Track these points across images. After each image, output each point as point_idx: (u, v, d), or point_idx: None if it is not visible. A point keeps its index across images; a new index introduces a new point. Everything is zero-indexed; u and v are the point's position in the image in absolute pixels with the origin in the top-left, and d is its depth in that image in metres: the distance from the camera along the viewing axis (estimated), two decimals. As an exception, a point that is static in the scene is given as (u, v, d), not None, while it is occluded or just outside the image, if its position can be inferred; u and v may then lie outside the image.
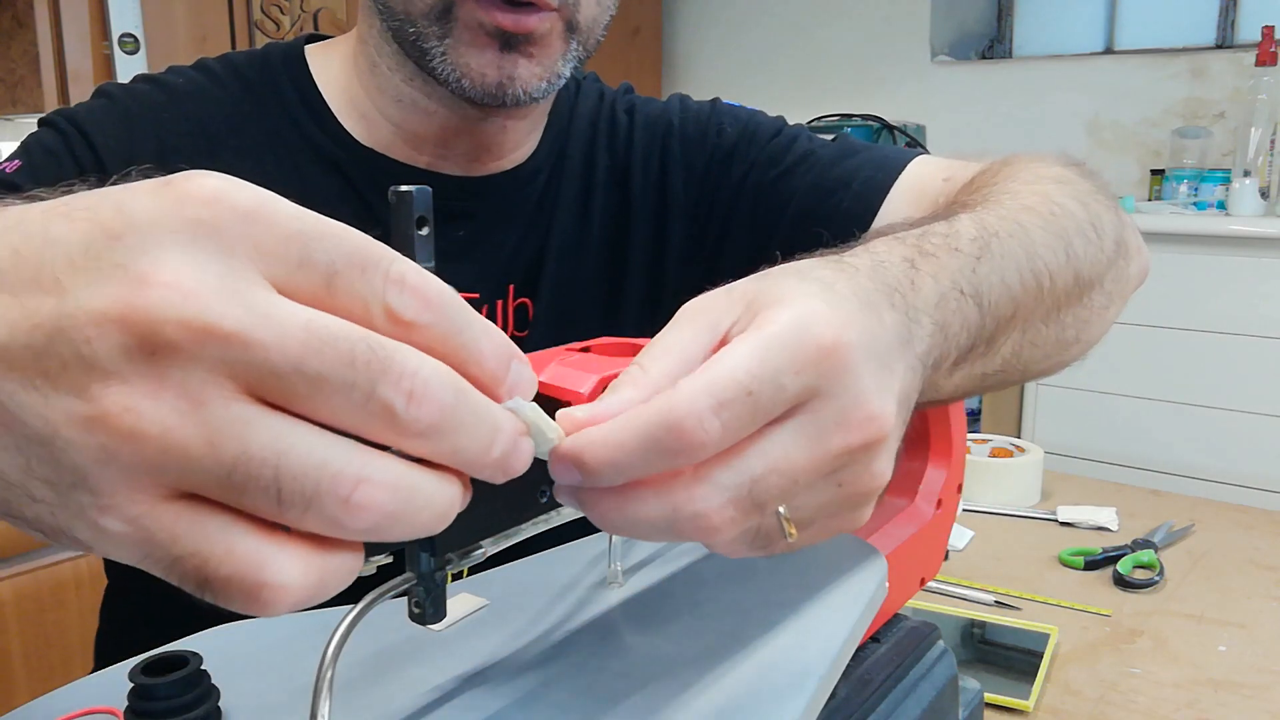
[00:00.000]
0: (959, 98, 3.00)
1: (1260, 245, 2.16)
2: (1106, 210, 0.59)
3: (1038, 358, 0.52)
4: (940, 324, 0.40)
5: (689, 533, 0.31)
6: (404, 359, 0.25)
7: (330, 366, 0.24)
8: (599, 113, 0.81)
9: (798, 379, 0.31)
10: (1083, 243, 0.53)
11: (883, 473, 0.34)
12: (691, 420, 0.30)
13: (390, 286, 0.26)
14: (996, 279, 0.45)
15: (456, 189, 0.73)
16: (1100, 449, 2.32)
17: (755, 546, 0.34)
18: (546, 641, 0.43)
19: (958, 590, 1.02)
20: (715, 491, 0.31)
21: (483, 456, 0.27)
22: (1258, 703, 0.81)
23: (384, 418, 0.25)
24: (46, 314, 0.23)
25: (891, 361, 0.34)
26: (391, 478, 0.25)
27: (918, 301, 0.39)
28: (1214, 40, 2.74)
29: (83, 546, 0.25)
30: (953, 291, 0.41)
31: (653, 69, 3.39)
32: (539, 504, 0.36)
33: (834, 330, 0.32)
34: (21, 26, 2.04)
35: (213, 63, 0.74)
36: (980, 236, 0.46)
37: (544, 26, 0.63)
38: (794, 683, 0.39)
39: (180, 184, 0.25)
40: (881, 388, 0.33)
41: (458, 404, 0.26)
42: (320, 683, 0.32)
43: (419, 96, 0.69)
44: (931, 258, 0.42)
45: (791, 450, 0.32)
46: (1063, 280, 0.50)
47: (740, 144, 0.80)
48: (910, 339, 0.37)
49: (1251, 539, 1.16)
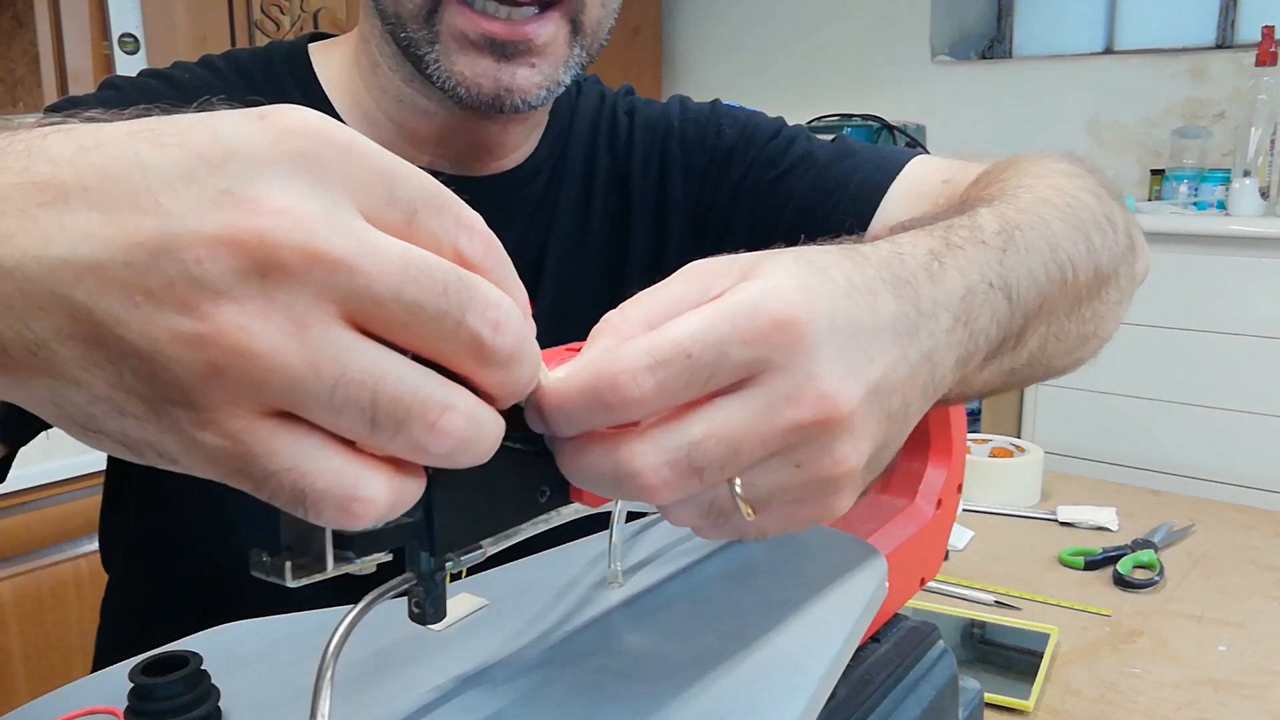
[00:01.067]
0: (959, 98, 3.00)
1: (1260, 245, 2.16)
2: (1115, 204, 0.59)
3: (1060, 353, 0.51)
4: (965, 320, 0.39)
5: (629, 490, 0.32)
6: (488, 291, 0.27)
7: (426, 295, 0.25)
8: (600, 114, 0.81)
9: (745, 350, 0.31)
10: (1100, 235, 0.53)
11: (845, 457, 0.33)
12: (626, 376, 0.30)
13: (461, 230, 0.28)
14: (1024, 271, 0.44)
15: (457, 189, 0.72)
16: (1100, 449, 2.32)
17: (710, 520, 0.34)
18: (546, 641, 0.43)
19: (958, 590, 1.02)
20: (653, 450, 0.31)
21: (525, 389, 0.29)
22: (1258, 703, 0.81)
23: (471, 346, 0.27)
24: (148, 233, 0.24)
25: (872, 348, 0.34)
26: (469, 407, 0.27)
27: (939, 295, 0.38)
28: (1214, 40, 2.74)
29: (168, 460, 0.26)
30: (981, 285, 0.41)
31: (653, 69, 3.39)
32: (539, 504, 0.36)
33: (793, 307, 0.32)
34: (21, 26, 2.04)
35: (217, 59, 0.74)
36: (1004, 229, 0.45)
37: (546, 33, 0.63)
38: (794, 683, 0.39)
39: (278, 116, 0.26)
40: (846, 370, 0.33)
41: (526, 339, 0.28)
42: (320, 682, 0.32)
43: (418, 97, 0.69)
44: (959, 250, 0.41)
45: (734, 419, 0.32)
46: (1084, 272, 0.50)
47: (739, 145, 0.80)
48: (914, 332, 0.36)
49: (1251, 539, 1.16)
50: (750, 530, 0.35)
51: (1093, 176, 0.60)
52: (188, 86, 0.71)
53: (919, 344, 0.36)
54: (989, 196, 0.53)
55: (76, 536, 1.64)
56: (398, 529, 0.31)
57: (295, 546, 0.30)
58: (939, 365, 0.37)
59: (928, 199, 0.72)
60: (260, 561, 0.30)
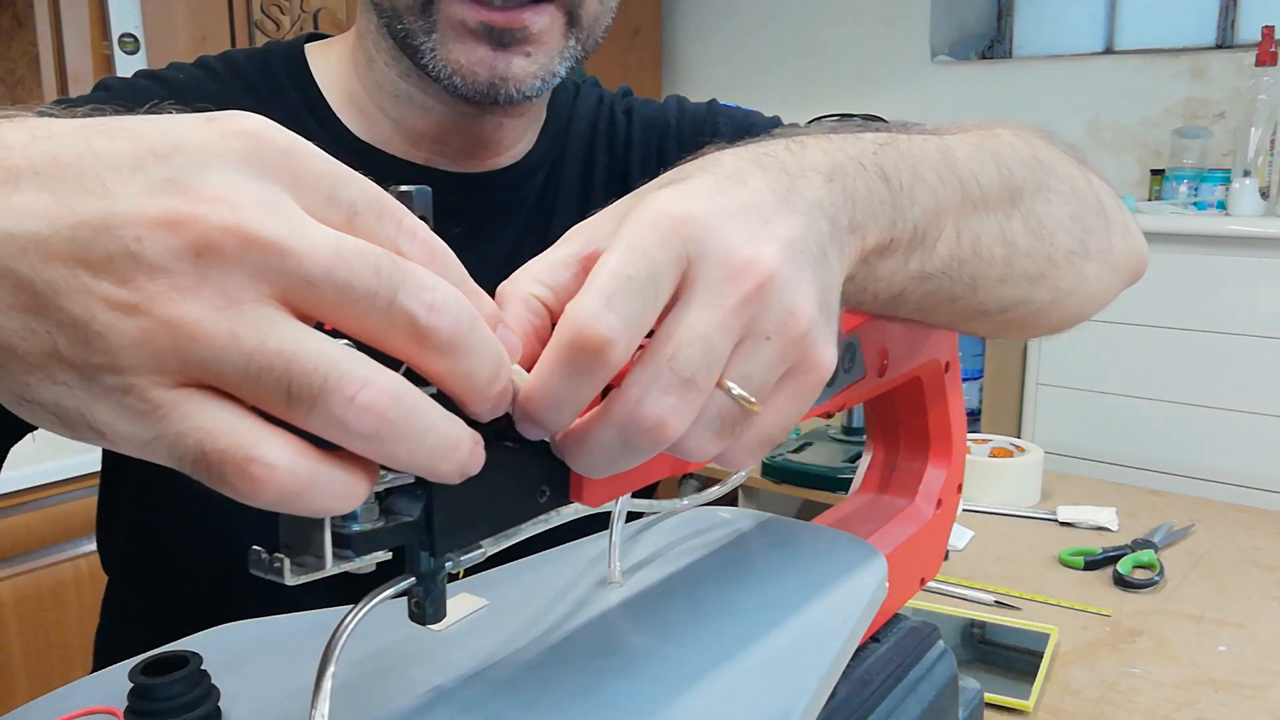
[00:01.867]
0: (959, 98, 3.00)
1: (1260, 245, 2.16)
2: (1066, 161, 0.56)
3: (992, 277, 0.49)
4: (841, 186, 0.40)
5: (645, 441, 0.32)
6: (424, 275, 0.28)
7: (357, 275, 0.27)
8: (598, 114, 0.81)
9: (667, 250, 0.33)
10: (1023, 169, 0.51)
11: (799, 306, 0.34)
12: (590, 321, 0.31)
13: (402, 234, 0.29)
14: (906, 165, 0.44)
15: (454, 185, 0.73)
16: (1100, 449, 2.32)
17: (724, 434, 0.34)
18: (546, 641, 0.43)
19: (958, 590, 1.02)
20: (639, 387, 0.32)
21: (490, 385, 0.29)
22: (1258, 703, 0.81)
23: (406, 326, 0.27)
24: (92, 213, 0.25)
25: (764, 211, 0.36)
26: (396, 386, 0.27)
27: (803, 163, 0.39)
28: (1214, 40, 2.74)
29: (96, 432, 0.27)
30: (850, 163, 0.41)
31: (652, 69, 3.39)
32: (539, 504, 0.36)
33: (683, 202, 0.34)
34: (21, 26, 2.04)
35: (213, 60, 0.74)
36: (887, 135, 0.45)
37: (542, 22, 0.63)
38: (794, 683, 0.39)
39: (225, 120, 0.27)
40: (752, 235, 0.34)
41: (473, 326, 0.28)
42: (320, 683, 0.32)
43: (415, 92, 0.69)
44: (824, 138, 0.42)
45: (692, 319, 0.33)
46: (996, 193, 0.48)
47: None
48: (791, 189, 0.38)
49: (1251, 539, 1.16)
50: (773, 428, 0.36)
51: (1040, 138, 0.57)
52: (182, 87, 0.71)
53: (801, 197, 0.38)
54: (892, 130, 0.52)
55: (76, 536, 1.64)
56: (397, 528, 0.31)
57: (294, 545, 0.30)
58: (833, 219, 0.39)
59: None
60: (259, 560, 0.30)
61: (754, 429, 0.35)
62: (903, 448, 0.62)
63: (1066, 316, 0.57)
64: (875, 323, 0.50)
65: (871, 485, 0.62)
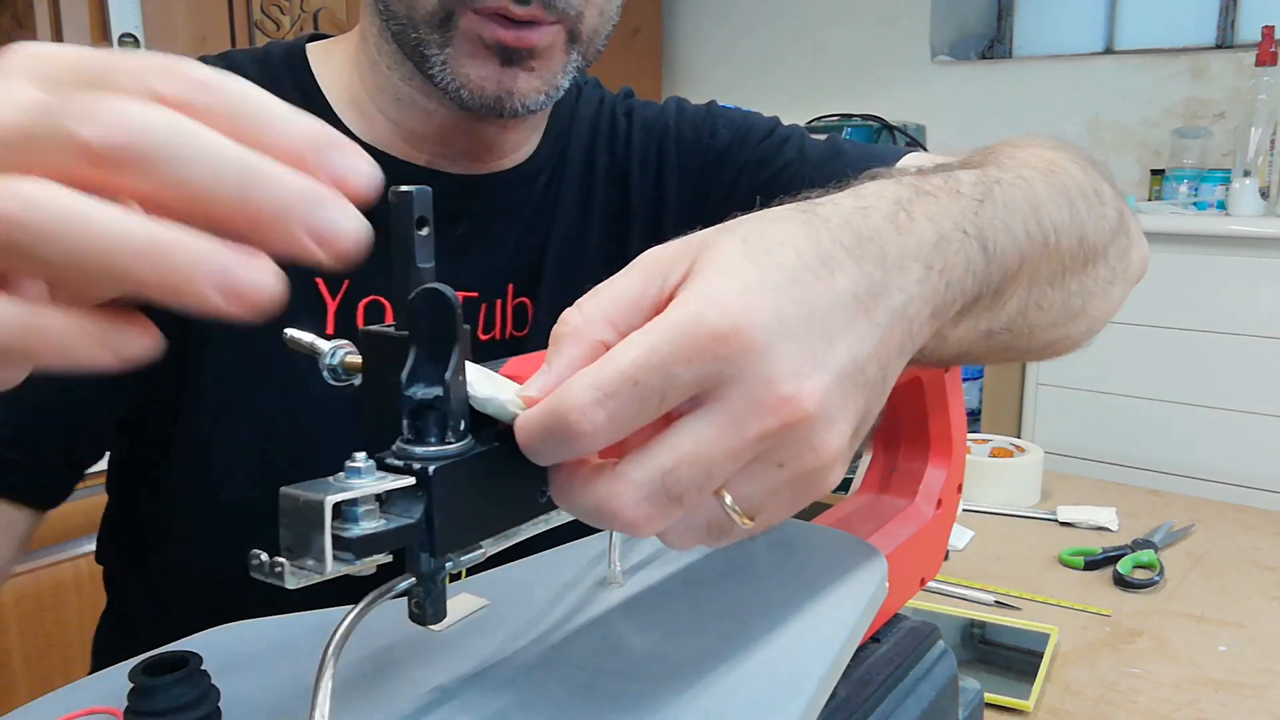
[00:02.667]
0: (959, 98, 3.00)
1: (1260, 245, 2.16)
2: (1105, 183, 0.58)
3: (1044, 324, 0.50)
4: (940, 268, 0.38)
5: (615, 525, 0.32)
6: (92, 99, 0.27)
7: (34, 120, 0.27)
8: (599, 116, 0.82)
9: (691, 368, 0.31)
10: (1085, 205, 0.52)
11: (826, 444, 0.33)
12: (576, 413, 0.31)
13: (153, 74, 0.28)
14: (1001, 224, 0.43)
15: (456, 187, 0.73)
16: (1100, 449, 2.32)
17: (711, 538, 0.34)
18: (546, 641, 0.43)
19: (958, 590, 1.02)
20: (628, 487, 0.32)
21: (232, 186, 0.27)
22: (1258, 703, 0.81)
23: (77, 150, 0.26)
24: None
25: (830, 329, 0.33)
26: (42, 191, 0.26)
27: (908, 244, 0.37)
28: (1214, 40, 2.74)
29: None
30: (955, 232, 0.39)
31: (652, 70, 3.39)
32: (539, 504, 0.36)
33: (731, 315, 0.31)
34: (21, 26, 2.04)
35: (214, 59, 0.74)
36: (982, 183, 0.44)
37: (545, 40, 0.64)
38: (794, 683, 0.39)
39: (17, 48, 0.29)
40: (803, 363, 0.32)
41: (170, 133, 0.27)
42: (320, 682, 0.32)
43: (417, 96, 0.69)
44: (930, 197, 0.40)
45: (703, 441, 0.31)
46: (1068, 239, 0.49)
47: (733, 146, 0.80)
48: (880, 293, 0.35)
49: (1251, 539, 1.16)
50: (758, 529, 0.35)
51: (1081, 155, 0.59)
52: None
53: (888, 303, 0.35)
54: (971, 162, 0.52)
55: (76, 536, 1.64)
56: (398, 530, 0.31)
57: (295, 548, 0.30)
58: (914, 319, 0.37)
59: None
60: (260, 563, 0.30)
61: (736, 533, 0.35)
62: (903, 448, 0.62)
63: (1090, 339, 0.58)
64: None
65: (871, 485, 0.62)
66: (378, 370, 0.34)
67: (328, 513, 0.29)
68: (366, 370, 0.35)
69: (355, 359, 0.36)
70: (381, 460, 0.32)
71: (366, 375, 0.35)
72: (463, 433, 0.33)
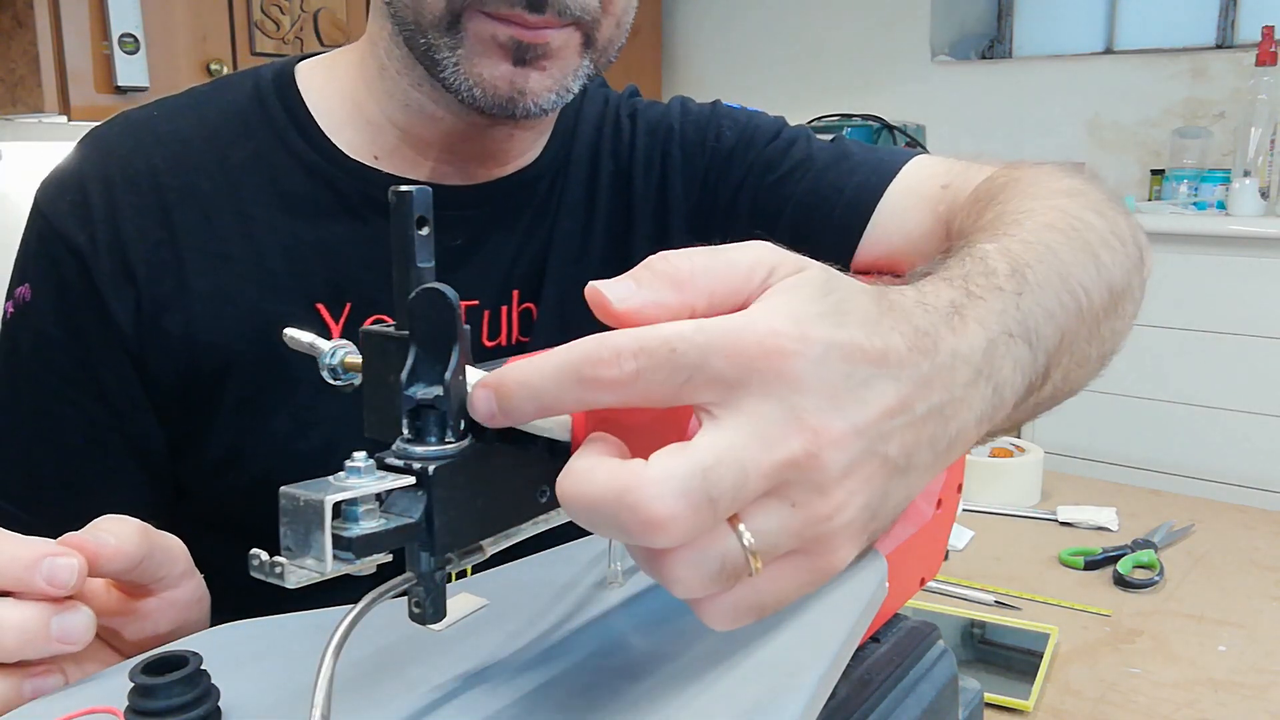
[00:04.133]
0: (959, 98, 3.00)
1: (1260, 245, 2.16)
2: (1121, 216, 0.58)
3: (1082, 377, 0.51)
4: (989, 373, 0.38)
5: (636, 530, 0.30)
6: None
7: None
8: (604, 117, 0.81)
9: (727, 363, 0.31)
10: (1109, 254, 0.52)
11: (836, 496, 0.32)
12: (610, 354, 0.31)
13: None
14: (1040, 311, 0.43)
15: (454, 199, 0.73)
16: (1100, 449, 2.32)
17: (719, 578, 0.32)
18: (546, 641, 0.43)
19: (958, 590, 1.02)
20: (664, 477, 0.30)
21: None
22: (1258, 703, 0.81)
23: None
24: None
25: (867, 392, 0.33)
26: None
27: (959, 347, 0.37)
28: (1214, 40, 2.74)
29: None
30: (1002, 335, 0.40)
31: (653, 69, 3.39)
32: (539, 504, 0.36)
33: (780, 337, 0.31)
34: (21, 26, 2.04)
35: (203, 89, 0.75)
36: (1015, 270, 0.44)
37: (560, 39, 0.63)
38: (794, 683, 0.39)
39: None
40: (831, 407, 0.32)
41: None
42: (320, 682, 0.32)
43: (426, 102, 0.69)
44: (979, 301, 0.40)
45: (738, 445, 0.31)
46: (1098, 295, 0.49)
47: (739, 147, 0.80)
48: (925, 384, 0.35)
49: (1251, 539, 1.16)
50: (764, 595, 0.33)
51: (1094, 188, 0.60)
52: (162, 130, 0.70)
53: (930, 396, 0.35)
54: (989, 225, 0.52)
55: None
56: (398, 530, 0.31)
57: (294, 548, 0.30)
58: (953, 419, 0.36)
59: (927, 203, 0.72)
60: (259, 563, 0.30)
61: (745, 588, 0.33)
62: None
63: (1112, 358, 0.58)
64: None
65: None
66: (378, 370, 0.34)
67: (328, 512, 0.29)
68: (366, 370, 0.35)
69: (355, 359, 0.36)
70: (381, 460, 0.32)
71: (366, 375, 0.35)
72: (463, 433, 0.33)
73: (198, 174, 0.69)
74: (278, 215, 0.69)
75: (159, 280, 0.67)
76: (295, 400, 0.69)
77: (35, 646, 0.40)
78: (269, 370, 0.68)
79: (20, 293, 0.70)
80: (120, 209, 0.68)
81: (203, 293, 0.68)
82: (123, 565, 0.43)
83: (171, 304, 0.68)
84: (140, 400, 0.69)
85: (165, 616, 0.46)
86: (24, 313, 0.69)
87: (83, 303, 0.67)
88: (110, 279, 0.67)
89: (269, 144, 0.71)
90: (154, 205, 0.68)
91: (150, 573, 0.44)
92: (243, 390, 0.69)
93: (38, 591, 0.40)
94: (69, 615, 0.40)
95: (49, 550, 0.40)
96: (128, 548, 0.43)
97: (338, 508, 0.30)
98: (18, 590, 0.40)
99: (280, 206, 0.70)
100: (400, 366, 0.33)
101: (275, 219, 0.69)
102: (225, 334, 0.68)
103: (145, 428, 0.70)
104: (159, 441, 0.71)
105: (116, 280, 0.67)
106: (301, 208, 0.70)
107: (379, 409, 0.34)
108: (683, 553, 0.31)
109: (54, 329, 0.68)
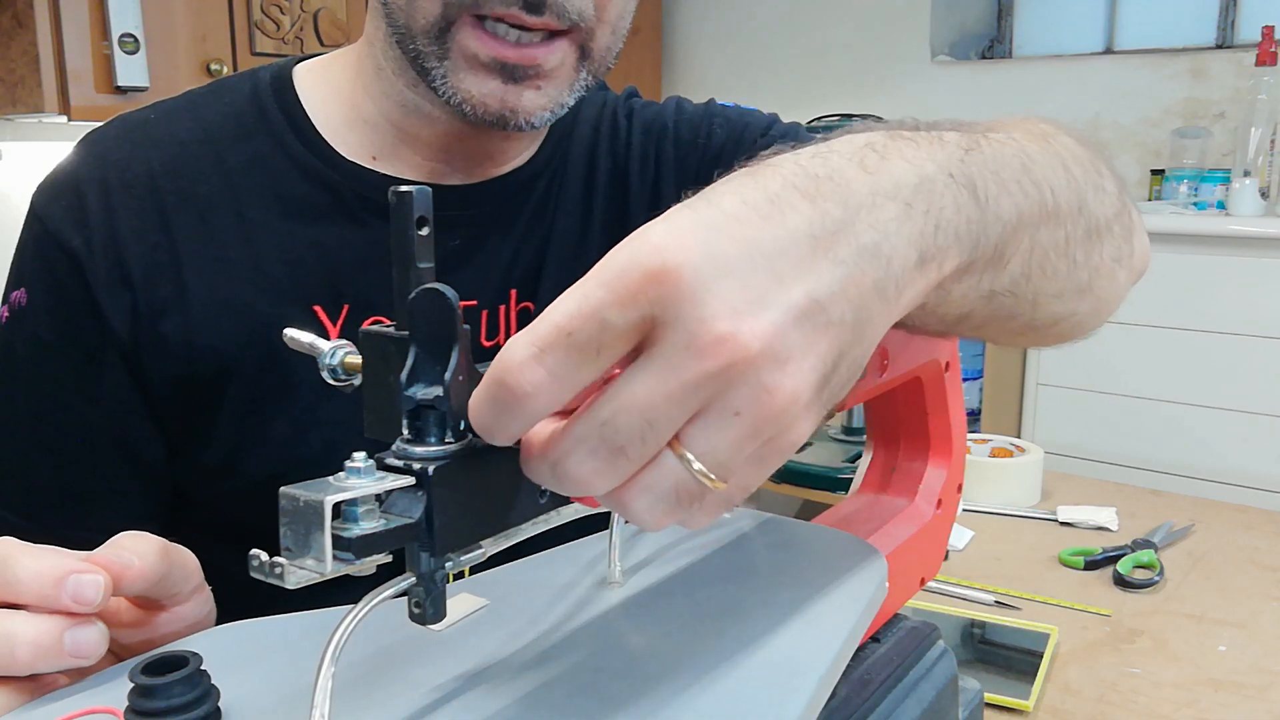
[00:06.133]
0: (959, 98, 3.00)
1: (1260, 245, 2.16)
2: (1104, 165, 0.55)
3: (1050, 293, 0.47)
4: (925, 209, 0.36)
5: (570, 488, 0.31)
6: None
7: None
8: (601, 118, 0.81)
9: (624, 312, 0.30)
10: (1083, 174, 0.49)
11: (779, 386, 0.31)
12: (514, 373, 0.30)
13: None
14: (991, 174, 0.40)
15: (452, 199, 0.73)
16: (1100, 449, 2.32)
17: (683, 508, 0.32)
18: (546, 641, 0.43)
19: (958, 590, 1.02)
20: (572, 443, 0.31)
21: None
22: (1258, 703, 0.81)
23: None
24: None
25: (780, 265, 0.31)
26: None
27: (880, 182, 0.35)
28: (1214, 40, 2.74)
29: None
30: (940, 174, 0.37)
31: (653, 69, 3.39)
32: (539, 504, 0.36)
33: (661, 251, 0.30)
34: (21, 26, 2.04)
35: (200, 92, 0.74)
36: (968, 136, 0.42)
37: (555, 59, 0.63)
38: (794, 683, 0.39)
39: None
40: (743, 304, 0.30)
41: None
42: (320, 682, 0.32)
43: (421, 102, 0.69)
44: (907, 141, 0.38)
45: (639, 387, 0.30)
46: (1067, 202, 0.46)
47: (729, 145, 0.80)
48: (842, 230, 0.33)
49: (1251, 539, 1.16)
50: (734, 495, 0.33)
51: (1082, 136, 0.56)
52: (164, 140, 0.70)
53: (854, 240, 0.33)
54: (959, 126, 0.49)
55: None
56: (398, 530, 0.31)
57: (294, 548, 0.30)
58: (893, 258, 0.34)
59: None
60: (259, 563, 0.30)
61: (713, 497, 0.33)
62: (903, 448, 0.62)
63: (1097, 324, 0.55)
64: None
65: (871, 485, 0.62)
66: (378, 370, 0.34)
67: (327, 512, 0.29)
68: (366, 370, 0.35)
69: (355, 359, 0.36)
70: (381, 460, 0.32)
71: (366, 375, 0.35)
72: (462, 433, 0.33)
73: (195, 177, 0.69)
74: (275, 218, 0.69)
75: (156, 284, 0.67)
76: (294, 403, 0.69)
77: (48, 661, 0.39)
78: (267, 373, 0.68)
79: (16, 297, 0.69)
80: (117, 212, 0.68)
81: (200, 296, 0.68)
82: (145, 585, 0.42)
83: (169, 308, 0.67)
84: (137, 405, 0.69)
85: (172, 629, 0.46)
86: (20, 317, 0.69)
87: (79, 307, 0.67)
88: (106, 283, 0.67)
89: (267, 147, 0.71)
90: (151, 208, 0.68)
91: (166, 589, 0.44)
92: (241, 393, 0.69)
93: (62, 608, 0.39)
94: (82, 630, 0.39)
95: (75, 567, 0.39)
96: (150, 567, 0.42)
97: (337, 508, 0.30)
98: (40, 605, 0.39)
99: (278, 209, 0.70)
100: (400, 367, 0.33)
101: (273, 222, 0.69)
102: (223, 337, 0.68)
103: (143, 432, 0.70)
104: (157, 446, 0.71)
105: (113, 284, 0.67)
106: (299, 210, 0.70)
107: (379, 409, 0.34)
108: (633, 489, 0.32)
109: (50, 334, 0.68)
